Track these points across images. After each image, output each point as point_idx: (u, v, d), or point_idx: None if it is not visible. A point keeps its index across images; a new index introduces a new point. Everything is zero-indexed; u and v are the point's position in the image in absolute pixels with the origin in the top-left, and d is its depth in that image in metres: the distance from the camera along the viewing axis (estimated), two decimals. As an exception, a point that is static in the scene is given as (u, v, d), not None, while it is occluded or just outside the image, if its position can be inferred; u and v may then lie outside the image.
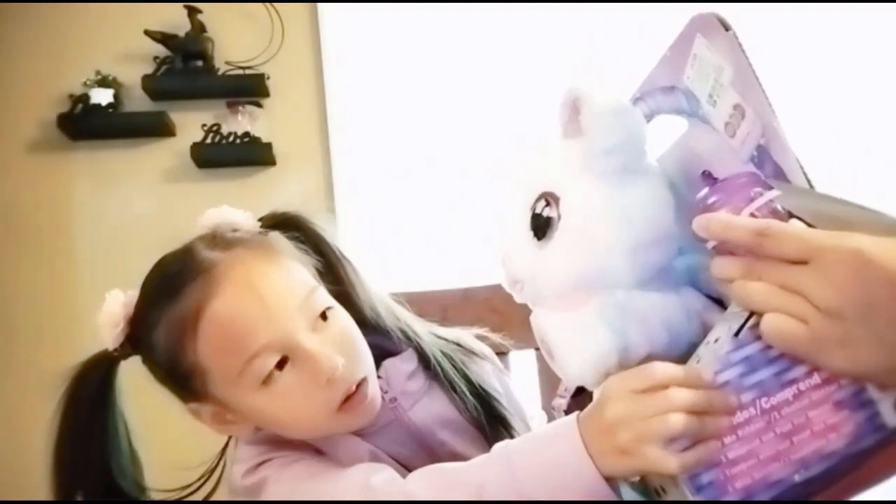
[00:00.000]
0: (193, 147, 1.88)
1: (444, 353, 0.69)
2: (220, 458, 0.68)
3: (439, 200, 1.86)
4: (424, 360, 0.69)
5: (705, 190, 0.50)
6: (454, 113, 1.90)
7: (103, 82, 1.87)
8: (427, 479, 0.54)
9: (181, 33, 1.90)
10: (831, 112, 1.79)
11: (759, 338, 0.45)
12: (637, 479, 0.51)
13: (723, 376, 0.46)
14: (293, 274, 0.61)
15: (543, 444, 0.51)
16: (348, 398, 0.59)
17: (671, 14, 1.87)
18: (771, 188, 0.47)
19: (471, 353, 0.74)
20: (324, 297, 0.62)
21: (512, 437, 0.64)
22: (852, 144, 1.76)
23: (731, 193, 0.48)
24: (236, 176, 1.88)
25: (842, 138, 1.76)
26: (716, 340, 0.47)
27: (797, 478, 0.44)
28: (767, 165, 0.48)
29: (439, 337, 0.72)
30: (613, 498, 0.48)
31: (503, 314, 1.08)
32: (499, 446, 0.53)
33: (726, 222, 0.45)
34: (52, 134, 1.90)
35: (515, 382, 1.16)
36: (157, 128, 1.91)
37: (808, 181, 0.47)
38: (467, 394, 0.67)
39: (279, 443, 0.63)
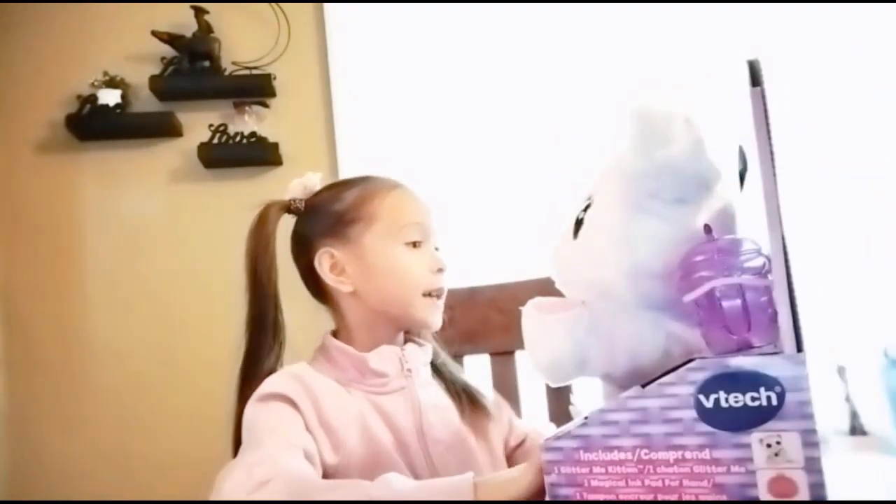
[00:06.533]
0: (200, 147, 1.89)
1: (447, 373, 0.88)
2: None
3: (445, 200, 1.85)
4: (434, 367, 0.88)
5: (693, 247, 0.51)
6: (460, 112, 1.90)
7: (111, 83, 1.89)
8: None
9: (188, 34, 1.91)
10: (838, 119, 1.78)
11: (666, 396, 0.47)
12: None
13: (612, 416, 0.48)
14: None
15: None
16: (434, 294, 0.82)
17: (672, 14, 1.86)
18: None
19: (475, 400, 0.87)
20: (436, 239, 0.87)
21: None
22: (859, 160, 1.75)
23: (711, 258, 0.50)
24: (243, 176, 1.88)
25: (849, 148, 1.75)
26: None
27: None
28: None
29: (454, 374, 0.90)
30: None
31: (508, 314, 1.08)
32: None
33: None
34: (60, 134, 1.91)
35: (521, 383, 1.16)
36: (164, 128, 1.92)
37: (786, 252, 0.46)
38: (460, 391, 0.87)
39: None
